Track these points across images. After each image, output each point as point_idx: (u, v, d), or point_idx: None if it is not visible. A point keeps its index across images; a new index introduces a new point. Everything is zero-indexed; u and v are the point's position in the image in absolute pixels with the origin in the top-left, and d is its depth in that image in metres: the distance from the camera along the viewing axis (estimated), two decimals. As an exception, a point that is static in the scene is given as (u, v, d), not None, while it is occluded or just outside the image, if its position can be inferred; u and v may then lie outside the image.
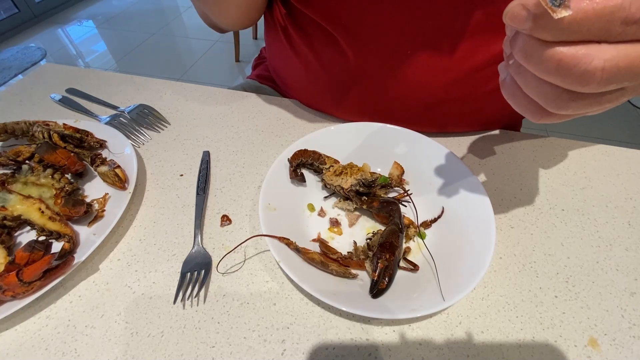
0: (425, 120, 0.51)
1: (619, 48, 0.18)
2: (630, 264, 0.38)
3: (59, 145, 0.47)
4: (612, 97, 0.21)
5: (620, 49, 0.18)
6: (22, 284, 0.32)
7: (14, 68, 2.25)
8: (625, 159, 0.50)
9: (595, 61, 0.18)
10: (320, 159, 0.45)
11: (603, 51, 0.19)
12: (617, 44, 0.19)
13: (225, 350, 0.32)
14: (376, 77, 0.48)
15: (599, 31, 0.18)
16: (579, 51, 0.19)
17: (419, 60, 0.44)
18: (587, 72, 0.19)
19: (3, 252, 0.36)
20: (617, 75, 0.19)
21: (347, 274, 0.36)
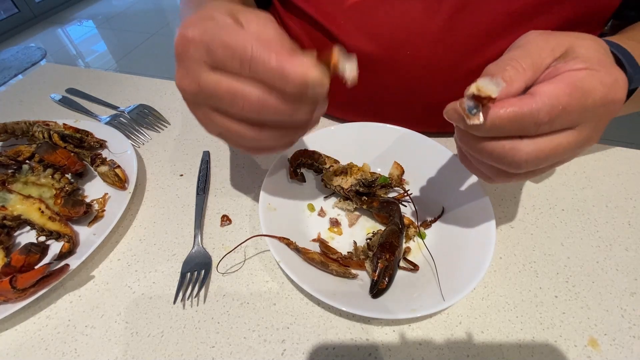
0: (426, 121, 0.51)
1: (537, 142, 0.23)
2: (630, 264, 0.38)
3: (59, 145, 0.47)
4: (545, 169, 0.26)
5: (537, 143, 0.23)
6: (15, 290, 0.32)
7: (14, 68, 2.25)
8: (625, 159, 0.50)
9: (519, 154, 0.23)
10: (320, 159, 0.45)
11: (525, 145, 0.23)
12: (536, 137, 0.23)
13: (225, 350, 0.32)
14: (376, 77, 0.47)
15: (518, 131, 0.23)
16: (505, 146, 0.23)
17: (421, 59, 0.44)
18: (515, 162, 0.23)
19: (1, 253, 0.36)
20: (539, 162, 0.23)
21: (347, 274, 0.36)
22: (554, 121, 0.22)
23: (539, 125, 0.22)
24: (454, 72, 0.45)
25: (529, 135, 0.23)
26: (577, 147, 0.24)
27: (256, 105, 0.22)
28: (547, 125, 0.22)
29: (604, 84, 0.22)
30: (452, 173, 0.43)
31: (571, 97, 0.22)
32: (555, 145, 0.23)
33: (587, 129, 0.24)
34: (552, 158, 0.24)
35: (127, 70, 2.28)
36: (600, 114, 0.23)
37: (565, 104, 0.22)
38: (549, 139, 0.23)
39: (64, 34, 2.70)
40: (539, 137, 0.23)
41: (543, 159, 0.23)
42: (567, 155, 0.25)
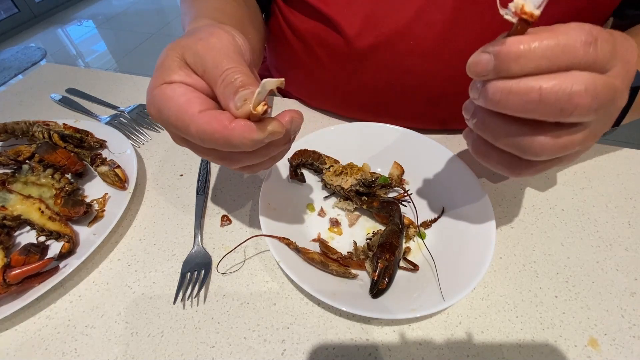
0: (428, 116, 0.51)
1: (591, 74, 0.20)
2: (630, 264, 0.38)
3: (59, 145, 0.47)
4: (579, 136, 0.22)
5: (592, 74, 0.20)
6: (4, 285, 0.32)
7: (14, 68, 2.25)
8: (625, 159, 0.50)
9: (576, 85, 0.19)
10: (320, 159, 0.45)
11: (578, 76, 0.19)
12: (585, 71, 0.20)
13: (225, 350, 0.32)
14: (379, 69, 0.47)
15: (566, 57, 0.19)
16: (556, 78, 0.20)
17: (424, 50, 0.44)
18: (574, 94, 0.19)
19: (0, 254, 0.36)
20: (597, 99, 0.20)
21: (347, 274, 0.36)
22: (597, 44, 0.20)
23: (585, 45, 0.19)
24: (457, 63, 0.44)
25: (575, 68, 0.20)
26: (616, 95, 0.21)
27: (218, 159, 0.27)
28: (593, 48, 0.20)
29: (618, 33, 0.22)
30: (452, 173, 0.43)
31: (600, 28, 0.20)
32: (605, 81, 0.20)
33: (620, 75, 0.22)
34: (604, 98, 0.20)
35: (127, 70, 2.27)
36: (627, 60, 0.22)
37: (599, 30, 0.20)
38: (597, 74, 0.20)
39: (64, 34, 2.70)
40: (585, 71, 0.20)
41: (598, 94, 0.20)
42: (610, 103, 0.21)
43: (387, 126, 0.48)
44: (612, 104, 0.22)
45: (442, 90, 0.47)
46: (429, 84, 0.46)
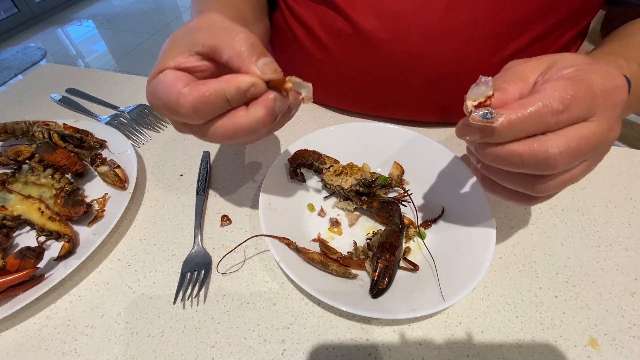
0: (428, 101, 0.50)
1: (563, 133, 0.22)
2: (630, 264, 0.38)
3: (59, 145, 0.47)
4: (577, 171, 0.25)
5: (564, 134, 0.22)
6: None
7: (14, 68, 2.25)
8: (625, 159, 0.50)
9: (550, 149, 0.22)
10: (320, 159, 0.45)
11: (552, 139, 0.22)
12: (560, 130, 0.22)
13: (225, 350, 0.32)
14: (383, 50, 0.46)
15: (538, 124, 0.22)
16: (533, 144, 0.22)
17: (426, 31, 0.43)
18: (550, 158, 0.22)
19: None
20: (573, 154, 0.22)
21: (347, 274, 0.36)
22: (569, 109, 0.22)
23: (556, 114, 0.22)
24: (457, 42, 0.44)
25: (551, 130, 0.22)
26: (602, 138, 0.23)
27: None
28: (565, 114, 0.22)
29: (599, 74, 0.23)
30: (452, 173, 0.43)
31: (576, 86, 0.22)
32: (581, 134, 0.22)
33: (605, 117, 0.23)
34: (584, 149, 0.23)
35: (127, 70, 2.28)
36: (610, 101, 0.23)
37: (573, 92, 0.22)
38: (573, 128, 0.22)
39: (64, 34, 2.70)
40: (562, 129, 0.22)
41: (575, 150, 0.22)
42: (596, 147, 0.23)
43: (387, 126, 0.48)
44: (602, 145, 0.24)
45: (442, 71, 0.47)
46: (430, 64, 0.46)
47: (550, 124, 0.22)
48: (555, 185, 0.25)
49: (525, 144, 0.22)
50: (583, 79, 0.23)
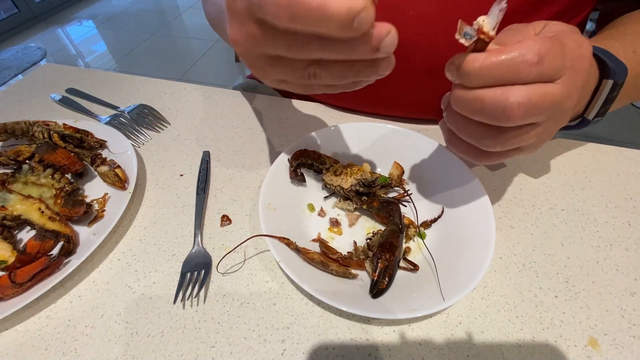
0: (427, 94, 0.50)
1: (529, 87, 0.23)
2: (630, 264, 0.38)
3: (59, 145, 0.47)
4: (528, 135, 0.26)
5: (530, 88, 0.23)
6: (14, 285, 0.33)
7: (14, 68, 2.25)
8: (625, 159, 0.50)
9: (511, 98, 0.23)
10: (320, 159, 0.45)
11: (516, 90, 0.23)
12: (526, 84, 0.23)
13: (225, 350, 0.32)
14: None
15: (510, 73, 0.23)
16: (497, 91, 0.24)
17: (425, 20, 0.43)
18: (507, 107, 0.23)
19: (9, 247, 0.37)
20: (531, 109, 0.23)
21: (347, 274, 0.36)
22: (542, 62, 0.23)
23: (529, 65, 0.23)
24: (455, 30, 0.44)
25: (519, 83, 0.23)
26: (561, 101, 0.24)
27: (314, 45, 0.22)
28: (536, 67, 0.23)
29: (574, 40, 0.25)
30: (452, 173, 0.43)
31: (553, 43, 0.23)
32: (544, 92, 0.23)
33: (569, 82, 0.24)
34: (542, 107, 0.24)
35: (127, 70, 2.28)
36: (576, 67, 0.25)
37: (549, 47, 0.23)
38: (539, 85, 0.24)
39: (64, 34, 2.70)
40: (529, 84, 0.24)
41: (533, 105, 0.23)
42: (552, 109, 0.25)
43: (387, 126, 0.48)
44: (557, 108, 0.25)
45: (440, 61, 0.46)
46: (428, 54, 0.46)
47: (521, 75, 0.23)
48: (504, 140, 0.26)
49: (490, 90, 0.24)
50: (559, 38, 0.24)
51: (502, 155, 0.29)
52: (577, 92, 0.26)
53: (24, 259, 0.34)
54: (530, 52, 0.22)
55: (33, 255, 0.35)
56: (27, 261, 0.35)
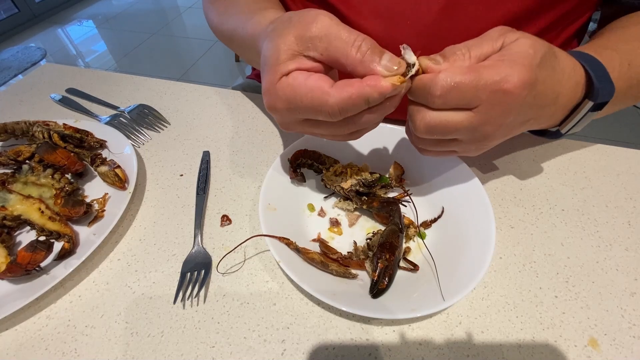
0: None
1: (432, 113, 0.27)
2: (630, 264, 0.38)
3: (59, 145, 0.47)
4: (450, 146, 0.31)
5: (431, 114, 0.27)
6: None
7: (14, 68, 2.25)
8: (625, 159, 0.50)
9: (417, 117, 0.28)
10: (320, 159, 0.45)
11: (425, 112, 0.28)
12: (435, 110, 0.27)
13: (225, 350, 0.32)
14: None
15: (422, 98, 0.27)
16: (413, 108, 0.28)
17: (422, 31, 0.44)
18: (414, 123, 0.29)
19: (4, 252, 0.37)
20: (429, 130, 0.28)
21: (347, 274, 0.36)
22: (446, 96, 0.26)
23: (433, 96, 0.26)
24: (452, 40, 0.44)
25: (431, 107, 0.27)
26: (471, 128, 0.27)
27: None
28: (440, 99, 0.26)
29: (500, 74, 0.25)
30: (452, 173, 0.43)
31: (465, 77, 0.25)
32: (445, 119, 0.27)
33: (483, 112, 0.26)
34: (446, 131, 0.28)
35: (127, 70, 2.28)
36: (494, 101, 0.26)
37: (458, 82, 0.25)
38: (443, 113, 0.27)
39: (64, 34, 2.70)
40: (437, 110, 0.27)
41: (434, 128, 0.28)
42: (460, 134, 0.28)
43: (387, 126, 0.48)
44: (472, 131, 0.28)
45: None
46: None
47: (428, 101, 0.27)
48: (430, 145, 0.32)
49: (411, 106, 0.29)
50: (480, 72, 0.25)
51: (438, 153, 0.33)
52: (501, 120, 0.28)
53: (14, 268, 0.34)
54: (437, 85, 0.25)
55: (23, 266, 0.34)
56: (17, 271, 0.35)
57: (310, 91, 0.26)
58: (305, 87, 0.26)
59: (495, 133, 0.29)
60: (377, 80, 0.25)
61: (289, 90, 0.26)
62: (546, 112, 0.31)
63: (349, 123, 0.28)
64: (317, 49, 0.26)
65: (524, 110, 0.28)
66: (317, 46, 0.26)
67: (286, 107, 0.27)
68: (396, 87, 0.25)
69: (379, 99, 0.25)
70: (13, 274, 0.35)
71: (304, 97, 0.26)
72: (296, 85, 0.26)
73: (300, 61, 0.27)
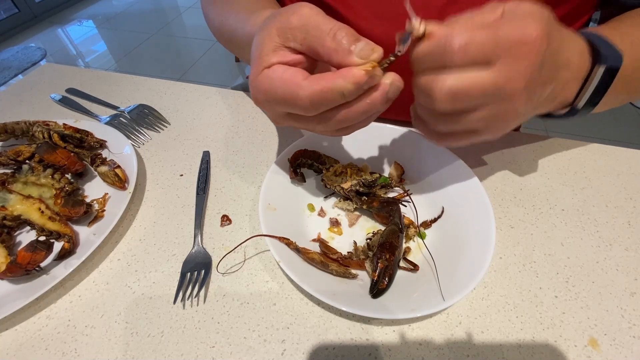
0: None
1: (455, 74, 0.24)
2: (630, 264, 0.38)
3: (59, 145, 0.47)
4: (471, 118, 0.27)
5: (455, 75, 0.24)
6: None
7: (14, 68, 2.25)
8: (625, 159, 0.50)
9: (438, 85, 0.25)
10: (320, 159, 0.45)
11: (444, 77, 0.25)
12: (455, 71, 0.24)
13: (225, 350, 0.32)
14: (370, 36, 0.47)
15: (436, 61, 0.25)
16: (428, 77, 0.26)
17: None
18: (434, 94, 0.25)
19: (4, 252, 0.37)
20: (457, 96, 0.25)
21: (347, 274, 0.36)
22: (467, 50, 0.23)
23: (451, 52, 0.24)
24: None
25: (450, 65, 0.24)
26: (496, 88, 0.25)
27: None
28: (460, 54, 0.23)
29: (517, 26, 0.24)
30: (452, 173, 0.43)
31: (482, 31, 0.23)
32: (472, 79, 0.24)
33: (505, 68, 0.24)
34: (471, 95, 0.25)
35: (127, 70, 2.28)
36: (513, 53, 0.24)
37: (476, 35, 0.23)
38: (464, 75, 0.24)
39: (64, 34, 2.70)
40: (456, 70, 0.24)
41: (461, 94, 0.25)
42: (486, 97, 0.25)
43: (387, 126, 0.48)
44: (496, 93, 0.25)
45: None
46: None
47: (446, 61, 0.24)
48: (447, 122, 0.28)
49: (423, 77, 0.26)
50: (497, 25, 0.24)
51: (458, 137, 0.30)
52: (525, 76, 0.25)
53: (14, 268, 0.34)
54: (455, 39, 0.23)
55: (23, 266, 0.34)
56: (17, 271, 0.35)
57: (283, 83, 0.26)
58: (281, 80, 0.26)
59: (521, 93, 0.26)
60: (349, 71, 0.24)
61: (267, 82, 0.27)
62: (562, 76, 0.30)
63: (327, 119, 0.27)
64: (297, 39, 0.26)
65: (544, 66, 0.26)
66: (296, 36, 0.26)
67: (265, 99, 0.27)
68: (370, 74, 0.24)
69: (355, 90, 0.24)
70: (13, 274, 0.35)
71: (278, 89, 0.26)
72: (274, 77, 0.26)
73: (282, 54, 0.27)
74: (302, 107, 0.26)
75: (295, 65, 0.27)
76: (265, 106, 0.29)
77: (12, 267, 0.34)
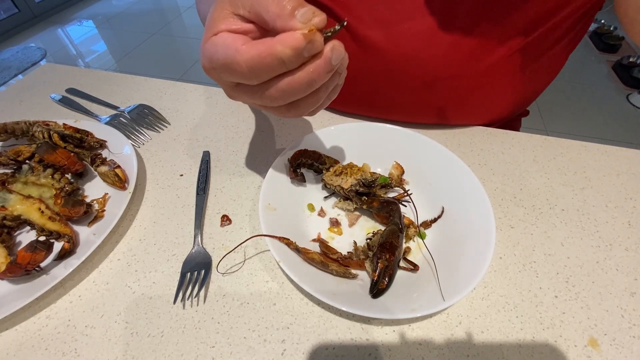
0: (423, 104, 0.51)
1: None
2: (630, 264, 0.38)
3: (59, 145, 0.47)
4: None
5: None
6: None
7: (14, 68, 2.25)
8: (625, 159, 0.50)
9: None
10: (320, 159, 0.45)
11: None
12: None
13: (225, 350, 0.32)
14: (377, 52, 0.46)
15: None
16: None
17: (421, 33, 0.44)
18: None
19: (4, 252, 0.37)
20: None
21: (347, 274, 0.36)
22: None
23: None
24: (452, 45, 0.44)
25: None
26: None
27: None
28: None
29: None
30: (452, 173, 0.43)
31: None
32: None
33: None
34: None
35: (127, 70, 2.28)
36: None
37: None
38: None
39: (64, 34, 2.70)
40: None
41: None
42: None
43: (387, 126, 0.48)
44: None
45: (436, 73, 0.47)
46: (423, 67, 0.47)
47: None
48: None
49: None
50: None
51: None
52: None
53: (14, 269, 0.34)
54: None
55: (23, 266, 0.34)
56: (17, 271, 0.35)
57: (224, 49, 0.25)
58: (223, 45, 0.25)
59: None
60: (288, 35, 0.23)
61: (211, 48, 0.26)
62: None
63: (271, 90, 0.26)
64: (245, 7, 0.26)
65: None
66: (245, 4, 0.26)
67: (211, 66, 0.27)
68: (308, 37, 0.23)
69: (294, 56, 0.23)
70: (13, 274, 0.35)
71: (220, 55, 0.25)
72: (217, 43, 0.26)
73: (231, 21, 0.27)
74: (241, 74, 0.25)
75: (244, 34, 0.26)
76: (212, 74, 0.28)
77: (12, 267, 0.34)
